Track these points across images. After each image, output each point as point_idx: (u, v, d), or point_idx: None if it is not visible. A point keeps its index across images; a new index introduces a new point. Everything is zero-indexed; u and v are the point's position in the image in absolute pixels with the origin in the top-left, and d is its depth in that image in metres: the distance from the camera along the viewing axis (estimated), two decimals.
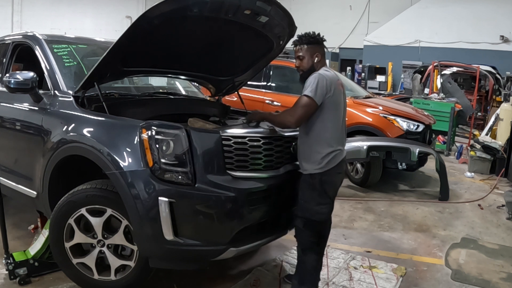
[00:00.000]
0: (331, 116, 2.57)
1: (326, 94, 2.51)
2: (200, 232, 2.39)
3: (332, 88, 2.54)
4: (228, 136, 2.52)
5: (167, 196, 2.27)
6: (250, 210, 2.52)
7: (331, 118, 2.58)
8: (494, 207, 5.05)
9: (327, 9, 16.95)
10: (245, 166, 2.56)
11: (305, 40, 2.66)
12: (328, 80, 2.53)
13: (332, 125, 2.59)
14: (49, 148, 2.77)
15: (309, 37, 2.65)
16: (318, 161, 2.56)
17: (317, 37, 2.67)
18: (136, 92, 3.72)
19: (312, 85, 2.49)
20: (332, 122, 2.58)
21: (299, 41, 2.68)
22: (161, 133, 2.37)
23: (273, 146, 2.72)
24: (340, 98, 2.65)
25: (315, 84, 2.49)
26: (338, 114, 2.63)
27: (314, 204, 2.60)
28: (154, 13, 2.43)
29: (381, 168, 5.51)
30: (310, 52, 2.65)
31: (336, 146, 2.61)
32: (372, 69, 14.57)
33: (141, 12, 2.52)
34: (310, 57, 2.65)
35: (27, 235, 3.44)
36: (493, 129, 7.85)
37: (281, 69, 6.80)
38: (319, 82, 2.49)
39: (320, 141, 2.57)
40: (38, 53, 3.24)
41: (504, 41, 12.76)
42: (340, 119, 2.65)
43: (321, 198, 2.61)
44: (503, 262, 3.55)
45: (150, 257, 2.46)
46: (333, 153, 2.58)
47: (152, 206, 2.29)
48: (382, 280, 3.12)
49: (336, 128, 2.62)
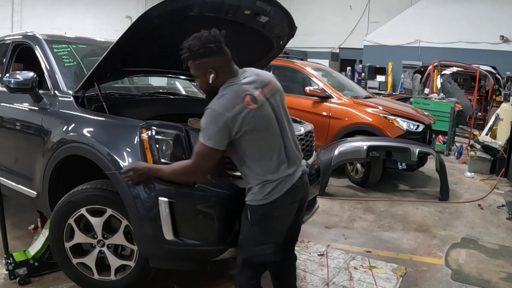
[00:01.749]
0: (258, 144, 2.00)
1: (231, 132, 1.92)
2: (200, 232, 2.39)
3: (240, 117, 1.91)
4: None
5: (167, 196, 2.26)
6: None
7: (260, 145, 2.00)
8: (494, 207, 5.05)
9: (327, 9, 16.96)
10: None
11: (189, 56, 2.00)
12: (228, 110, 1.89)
13: (267, 151, 2.02)
14: (49, 148, 2.78)
15: (192, 51, 1.98)
16: (256, 191, 2.03)
17: (203, 48, 1.96)
18: (136, 92, 3.72)
19: (203, 128, 1.92)
20: (264, 148, 2.01)
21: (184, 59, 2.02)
22: (161, 133, 2.37)
23: None
24: (265, 115, 2.01)
25: (208, 127, 1.91)
26: (270, 134, 2.03)
27: (253, 244, 2.06)
28: (154, 13, 2.43)
29: (381, 168, 5.51)
30: (201, 69, 2.01)
31: (282, 172, 2.03)
32: (372, 69, 14.58)
33: (141, 12, 2.52)
34: (204, 75, 2.02)
35: (27, 235, 3.44)
36: (493, 129, 7.85)
37: (281, 69, 6.80)
38: (211, 122, 1.90)
39: (255, 170, 2.02)
40: (38, 53, 3.24)
41: (504, 41, 12.76)
42: (278, 136, 2.06)
43: (263, 236, 2.05)
44: (503, 262, 3.55)
45: (150, 257, 2.46)
46: (278, 180, 2.02)
47: (152, 206, 2.29)
48: (382, 280, 3.12)
49: (275, 151, 2.04)
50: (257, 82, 2.07)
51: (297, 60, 7.29)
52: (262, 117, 2.00)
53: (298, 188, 2.12)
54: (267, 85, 2.10)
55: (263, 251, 2.07)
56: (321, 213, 4.34)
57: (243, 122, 1.93)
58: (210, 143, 1.92)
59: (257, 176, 2.03)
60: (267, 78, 2.16)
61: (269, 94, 2.09)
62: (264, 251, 2.07)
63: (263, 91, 2.06)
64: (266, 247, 2.07)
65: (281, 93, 2.19)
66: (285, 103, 2.21)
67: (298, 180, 2.10)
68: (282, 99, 2.19)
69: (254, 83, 2.05)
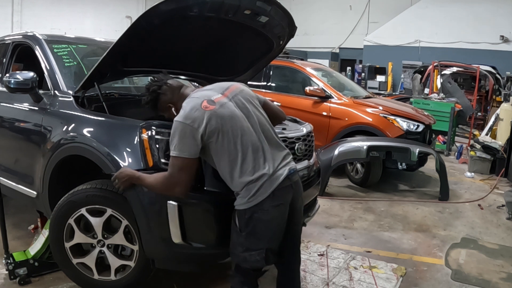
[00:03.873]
0: (228, 146, 1.99)
1: (197, 138, 1.96)
2: (208, 235, 2.38)
3: (202, 121, 1.96)
4: None
5: (176, 200, 2.25)
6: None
7: (231, 147, 1.99)
8: (494, 207, 5.05)
9: (327, 9, 16.97)
10: None
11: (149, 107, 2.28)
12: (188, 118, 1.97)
13: (239, 151, 1.99)
14: (49, 148, 2.78)
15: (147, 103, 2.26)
16: (241, 194, 2.00)
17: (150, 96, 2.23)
18: (136, 92, 3.72)
19: (171, 140, 2.00)
20: (236, 149, 1.99)
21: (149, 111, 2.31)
22: (161, 133, 2.36)
23: None
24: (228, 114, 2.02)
25: (173, 138, 1.98)
26: (238, 133, 2.01)
27: (240, 250, 2.03)
28: (154, 13, 2.43)
29: (381, 168, 5.51)
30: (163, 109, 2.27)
31: (261, 170, 1.98)
32: (372, 69, 14.58)
33: (141, 12, 2.52)
34: (169, 112, 2.25)
35: (27, 235, 3.44)
36: (493, 129, 7.85)
37: (281, 69, 6.81)
38: (176, 133, 1.97)
39: (235, 175, 2.00)
40: (38, 53, 3.24)
41: (504, 41, 12.75)
42: (249, 134, 2.03)
43: (250, 242, 2.00)
44: (503, 262, 3.55)
45: (157, 260, 2.45)
46: (260, 180, 1.97)
47: (160, 210, 2.28)
48: (382, 280, 3.12)
49: (248, 150, 2.00)
50: (214, 89, 2.16)
51: (297, 60, 7.29)
52: (225, 116, 2.01)
53: (286, 189, 2.04)
54: (227, 89, 2.16)
55: (252, 258, 2.02)
56: (321, 213, 4.34)
57: (206, 125, 1.97)
58: (178, 153, 1.97)
59: (237, 180, 2.01)
60: (227, 84, 2.22)
61: (231, 95, 2.14)
62: (253, 258, 2.02)
63: (224, 93, 2.13)
64: (255, 253, 2.01)
65: (246, 92, 2.21)
66: (254, 98, 2.22)
67: (284, 180, 2.02)
68: (248, 95, 2.20)
69: (211, 90, 2.15)
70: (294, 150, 2.83)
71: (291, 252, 2.29)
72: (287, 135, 2.82)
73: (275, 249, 2.10)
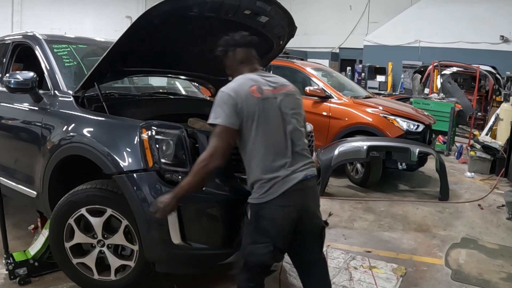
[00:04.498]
0: (257, 134, 2.03)
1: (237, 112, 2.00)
2: (208, 236, 2.38)
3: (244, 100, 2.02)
4: None
5: None
6: None
7: (259, 136, 2.03)
8: (494, 207, 5.05)
9: (327, 9, 16.95)
10: None
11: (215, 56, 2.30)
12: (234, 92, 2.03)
13: (265, 145, 2.04)
14: (49, 148, 2.78)
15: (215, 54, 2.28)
16: (255, 190, 2.07)
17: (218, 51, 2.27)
18: (136, 92, 3.72)
19: (214, 109, 2.03)
20: (263, 141, 2.04)
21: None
22: (161, 133, 2.37)
23: None
24: (269, 108, 2.07)
25: (216, 107, 2.03)
26: (270, 128, 2.06)
27: (249, 241, 2.10)
28: (154, 13, 2.43)
29: (381, 168, 5.51)
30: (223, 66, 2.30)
31: (276, 172, 2.03)
32: (372, 69, 14.57)
33: (141, 12, 2.52)
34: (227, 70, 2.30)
35: (27, 235, 3.44)
36: (493, 129, 7.85)
37: (281, 69, 6.79)
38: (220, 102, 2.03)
39: (252, 166, 2.06)
40: (38, 53, 3.24)
41: (504, 41, 12.75)
42: (279, 134, 2.08)
43: (258, 235, 2.06)
44: (503, 262, 3.55)
45: (157, 262, 2.45)
46: (272, 181, 2.02)
47: None
48: (382, 280, 3.12)
49: (272, 148, 2.05)
50: (272, 82, 2.17)
51: (297, 60, 7.29)
52: (265, 109, 2.05)
53: (296, 192, 2.05)
54: (281, 86, 2.19)
55: (258, 250, 2.05)
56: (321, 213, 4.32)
57: (246, 106, 2.01)
58: (219, 121, 1.99)
59: (253, 171, 2.06)
60: (285, 83, 2.26)
61: (280, 94, 2.15)
62: (258, 251, 2.05)
63: (275, 89, 2.15)
64: (261, 246, 2.04)
65: (295, 98, 2.23)
66: (300, 109, 2.25)
67: (297, 184, 2.05)
68: (296, 103, 2.22)
69: (269, 81, 2.16)
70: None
71: (315, 257, 2.26)
72: None
73: (282, 248, 2.11)
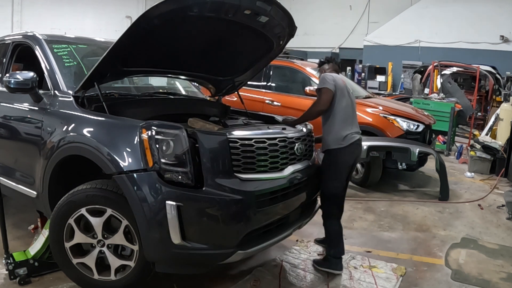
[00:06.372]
0: (339, 103, 3.13)
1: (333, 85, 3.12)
2: (208, 235, 2.38)
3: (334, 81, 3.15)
4: (235, 138, 2.51)
5: (175, 200, 2.25)
6: (258, 212, 2.51)
7: (340, 105, 3.13)
8: (494, 207, 5.05)
9: (327, 9, 16.97)
10: (252, 168, 2.55)
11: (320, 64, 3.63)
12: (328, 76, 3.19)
13: (343, 112, 3.14)
14: (49, 148, 2.77)
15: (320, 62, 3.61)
16: (335, 139, 3.12)
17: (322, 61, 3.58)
18: (136, 92, 3.72)
19: (320, 83, 3.19)
20: (342, 109, 3.14)
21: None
22: (161, 133, 2.36)
23: (278, 147, 2.71)
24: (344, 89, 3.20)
25: (322, 81, 3.18)
26: (345, 101, 3.17)
27: (327, 179, 3.14)
28: (154, 13, 2.43)
29: (381, 168, 5.51)
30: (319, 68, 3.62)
31: (350, 128, 3.15)
32: (372, 69, 14.57)
33: (141, 12, 2.52)
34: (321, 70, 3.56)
35: (27, 235, 3.44)
36: (493, 129, 7.85)
37: (281, 69, 6.80)
38: (323, 79, 3.17)
39: (334, 125, 3.12)
40: (38, 53, 3.24)
41: (504, 41, 12.76)
42: (349, 107, 3.21)
43: (335, 174, 3.13)
44: (503, 262, 3.55)
45: (157, 262, 2.44)
46: (349, 134, 3.11)
47: (159, 210, 2.27)
48: (382, 279, 3.12)
49: (346, 115, 3.16)
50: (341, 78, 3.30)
51: (297, 60, 7.28)
52: (343, 93, 3.16)
53: (356, 146, 3.18)
54: (344, 81, 3.26)
55: (333, 184, 3.13)
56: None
57: (335, 84, 3.12)
58: (324, 86, 3.10)
59: (333, 128, 3.13)
60: (344, 78, 3.49)
61: (346, 87, 3.24)
62: (334, 184, 3.13)
63: (344, 82, 3.25)
64: (336, 181, 3.14)
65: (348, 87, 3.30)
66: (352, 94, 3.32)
67: (357, 140, 3.17)
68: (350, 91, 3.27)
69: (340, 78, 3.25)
70: (294, 150, 2.83)
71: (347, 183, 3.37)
72: (287, 135, 2.82)
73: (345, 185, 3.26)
